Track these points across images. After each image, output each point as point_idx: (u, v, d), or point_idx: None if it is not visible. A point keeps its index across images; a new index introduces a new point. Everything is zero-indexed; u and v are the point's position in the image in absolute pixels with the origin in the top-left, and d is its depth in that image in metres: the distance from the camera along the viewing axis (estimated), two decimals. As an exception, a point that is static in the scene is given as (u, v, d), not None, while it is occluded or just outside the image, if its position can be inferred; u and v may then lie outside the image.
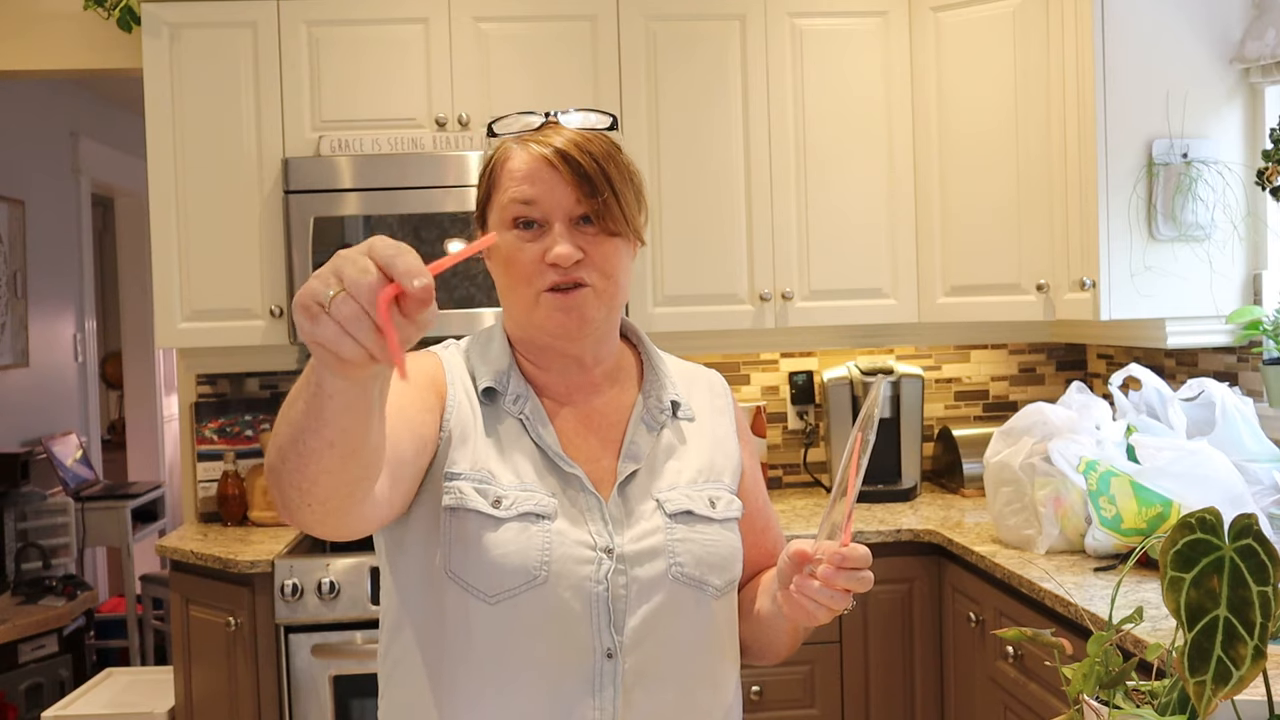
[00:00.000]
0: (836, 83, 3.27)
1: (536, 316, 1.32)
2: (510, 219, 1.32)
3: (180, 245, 3.17)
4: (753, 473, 1.48)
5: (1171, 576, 0.93)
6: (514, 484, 1.30)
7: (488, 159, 1.38)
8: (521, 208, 1.30)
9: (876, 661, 2.96)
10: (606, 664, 1.27)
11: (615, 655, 1.28)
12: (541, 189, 1.30)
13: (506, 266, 1.33)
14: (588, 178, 1.30)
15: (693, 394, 1.45)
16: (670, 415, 1.40)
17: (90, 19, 3.45)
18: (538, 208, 1.30)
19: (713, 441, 1.43)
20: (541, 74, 3.20)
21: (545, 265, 1.30)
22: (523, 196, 1.30)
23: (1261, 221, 2.85)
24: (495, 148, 1.37)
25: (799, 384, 3.62)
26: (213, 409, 3.51)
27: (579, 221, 1.31)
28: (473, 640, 1.27)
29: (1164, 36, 2.81)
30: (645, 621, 1.29)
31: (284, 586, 2.85)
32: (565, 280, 1.30)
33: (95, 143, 5.90)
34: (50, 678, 4.38)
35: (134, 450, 6.41)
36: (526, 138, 1.33)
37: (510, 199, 1.31)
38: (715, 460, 1.42)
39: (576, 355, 1.38)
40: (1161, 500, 2.33)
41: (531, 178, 1.30)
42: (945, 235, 3.25)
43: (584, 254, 1.30)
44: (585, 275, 1.30)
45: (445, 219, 3.11)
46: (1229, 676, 0.90)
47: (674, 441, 1.40)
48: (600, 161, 1.31)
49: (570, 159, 1.30)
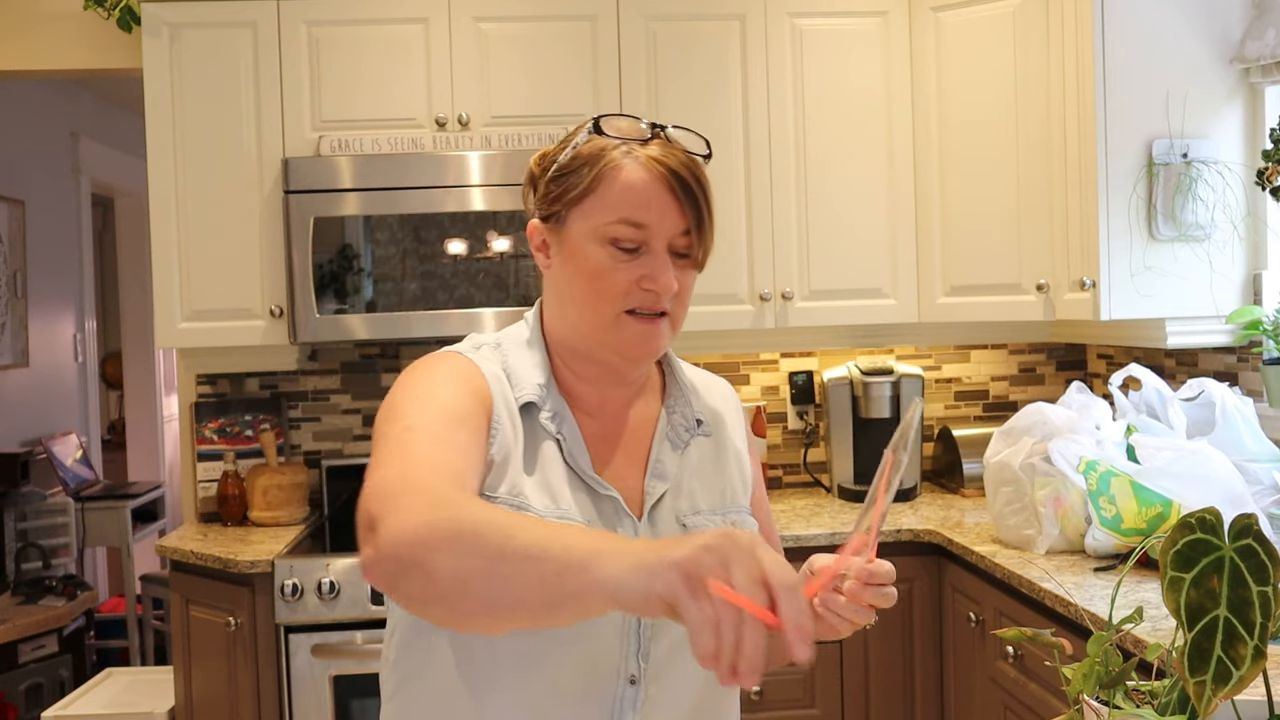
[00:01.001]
0: (836, 83, 3.27)
1: (612, 336, 1.28)
2: (612, 237, 1.25)
3: (180, 245, 3.17)
4: (760, 486, 1.46)
5: (1171, 576, 0.93)
6: (548, 508, 1.25)
7: (586, 156, 1.28)
8: (631, 231, 1.25)
9: (876, 661, 2.96)
10: (629, 690, 1.25)
11: (638, 682, 1.26)
12: (655, 214, 1.25)
13: (592, 281, 1.26)
14: (697, 210, 1.26)
15: (711, 407, 1.42)
16: (694, 432, 1.38)
17: (90, 19, 3.45)
18: (646, 232, 1.25)
19: (730, 458, 1.41)
20: (541, 74, 3.21)
21: (637, 289, 1.26)
22: (638, 220, 1.25)
23: (1261, 221, 2.85)
24: (596, 147, 1.28)
25: (799, 384, 3.62)
26: (213, 409, 3.51)
27: (673, 249, 1.27)
28: (497, 661, 1.24)
29: (1164, 36, 2.81)
30: (669, 651, 1.27)
31: (284, 586, 2.85)
32: (652, 308, 1.27)
33: (95, 143, 5.90)
34: (50, 678, 4.38)
35: (134, 450, 6.41)
36: (638, 150, 1.27)
37: (622, 218, 1.25)
38: (733, 479, 1.40)
39: (625, 373, 1.34)
40: (1161, 500, 2.33)
41: (649, 201, 1.25)
42: (945, 235, 3.25)
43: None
44: (668, 305, 1.28)
45: (445, 219, 3.11)
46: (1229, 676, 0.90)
47: (696, 459, 1.37)
48: (706, 191, 1.28)
49: (686, 185, 1.26)
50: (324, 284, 3.09)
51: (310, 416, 3.58)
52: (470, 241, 3.11)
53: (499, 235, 3.12)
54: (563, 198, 1.29)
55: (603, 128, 1.29)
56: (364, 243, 3.11)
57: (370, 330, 3.10)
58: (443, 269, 3.10)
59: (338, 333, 3.10)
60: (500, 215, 3.12)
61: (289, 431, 3.56)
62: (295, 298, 3.08)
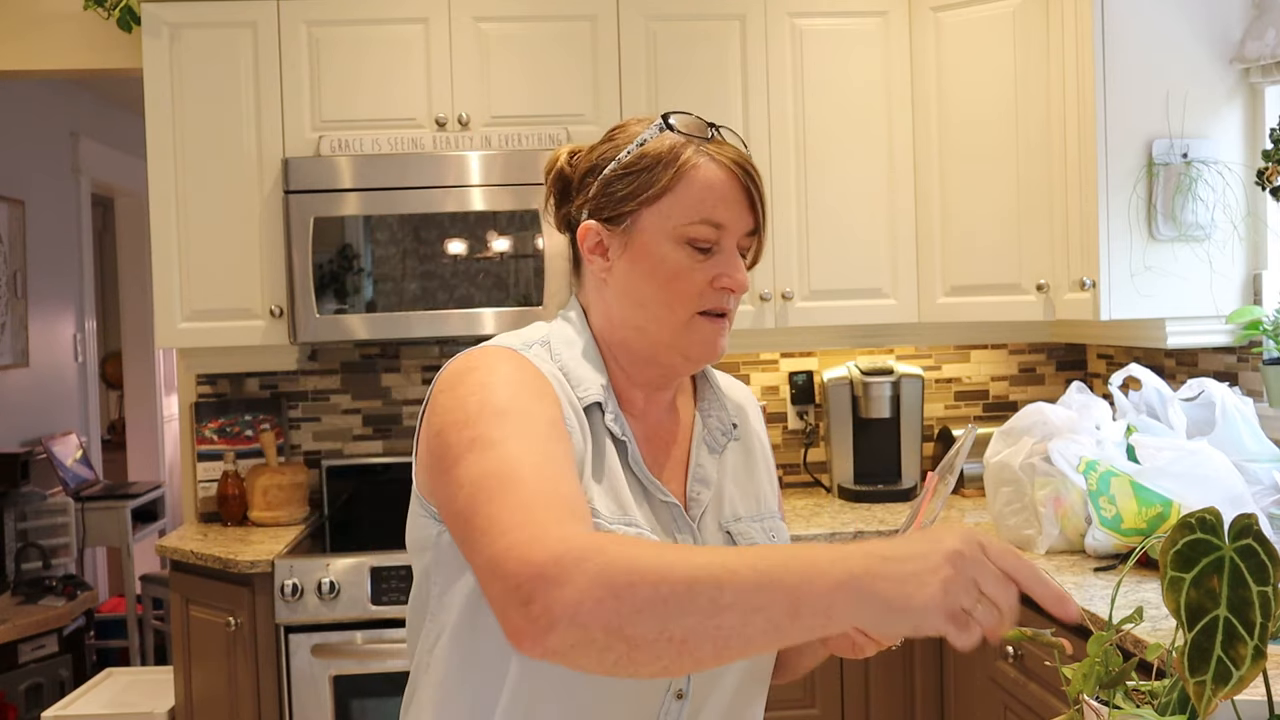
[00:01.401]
0: (836, 83, 3.27)
1: (682, 338, 1.26)
2: (691, 237, 1.23)
3: (180, 245, 3.18)
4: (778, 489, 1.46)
5: (1171, 576, 0.93)
6: (615, 515, 1.22)
7: (658, 154, 1.24)
8: (711, 231, 1.24)
9: (876, 661, 2.96)
10: (674, 704, 1.23)
11: (685, 696, 1.23)
12: (734, 213, 1.24)
13: (669, 282, 1.24)
14: (761, 206, 1.27)
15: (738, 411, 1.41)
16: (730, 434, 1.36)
17: (90, 19, 3.45)
18: (722, 232, 1.24)
19: (759, 460, 1.40)
20: (541, 74, 3.21)
21: (711, 289, 1.25)
22: (717, 219, 1.23)
23: (1261, 221, 2.85)
24: (669, 146, 1.24)
25: (799, 384, 3.62)
26: (213, 409, 3.51)
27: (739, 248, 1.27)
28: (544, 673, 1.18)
29: (1164, 36, 2.81)
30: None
31: (284, 586, 2.85)
32: (722, 308, 1.26)
33: (95, 143, 5.90)
34: (50, 678, 4.38)
35: (134, 450, 6.41)
36: (709, 148, 1.25)
37: (704, 218, 1.23)
38: (763, 483, 1.39)
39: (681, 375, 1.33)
40: (1161, 500, 2.33)
41: (727, 199, 1.24)
42: (945, 235, 3.25)
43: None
44: (732, 304, 1.28)
45: (445, 219, 3.11)
46: (1229, 676, 0.90)
47: (731, 465, 1.36)
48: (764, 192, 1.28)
49: (756, 183, 1.26)
50: (324, 284, 3.09)
51: (310, 416, 3.58)
52: (470, 241, 3.11)
53: (499, 235, 3.12)
54: (634, 197, 1.24)
55: (673, 124, 1.26)
56: (364, 243, 3.11)
57: (370, 330, 3.10)
58: (443, 269, 3.10)
59: (338, 333, 3.10)
60: (500, 215, 3.12)
61: (289, 431, 3.56)
62: (295, 298, 3.08)
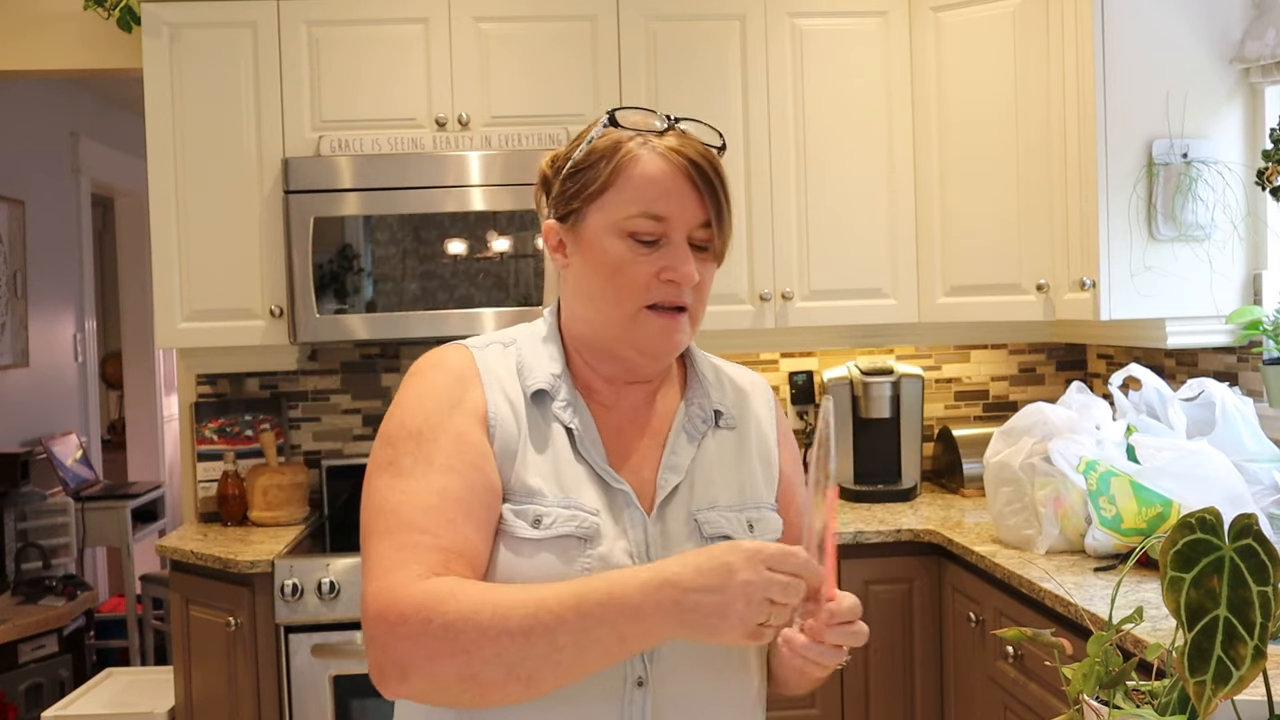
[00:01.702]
0: (836, 83, 3.27)
1: (632, 332, 1.27)
2: (631, 230, 1.25)
3: (180, 245, 3.18)
4: (792, 483, 1.41)
5: (1171, 576, 0.93)
6: (557, 498, 1.24)
7: (603, 150, 1.27)
8: (650, 224, 1.24)
9: (876, 661, 2.96)
10: (636, 692, 1.23)
11: (646, 684, 1.23)
12: (675, 205, 1.24)
13: (612, 276, 1.26)
14: (715, 201, 1.26)
15: (736, 399, 1.40)
16: (712, 425, 1.35)
17: (90, 19, 3.45)
18: (665, 225, 1.25)
19: (755, 452, 1.38)
20: (541, 74, 3.21)
21: (658, 281, 1.25)
22: (657, 211, 1.24)
23: (1261, 221, 2.85)
24: (612, 141, 1.27)
25: (799, 384, 3.62)
26: (213, 409, 3.51)
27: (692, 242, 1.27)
28: None
29: (1164, 36, 2.81)
30: (677, 649, 1.24)
31: (284, 586, 2.85)
32: (673, 301, 1.26)
33: (95, 143, 5.90)
34: (50, 678, 4.38)
35: (134, 450, 6.41)
36: (654, 141, 1.26)
37: (642, 211, 1.24)
38: (756, 474, 1.37)
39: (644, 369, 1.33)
40: (1161, 500, 2.33)
41: (668, 191, 1.24)
42: (945, 235, 3.25)
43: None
44: (689, 299, 1.27)
45: (445, 219, 3.11)
46: (1229, 676, 0.90)
47: (715, 452, 1.35)
48: (724, 184, 1.27)
49: (706, 176, 1.25)
50: (324, 284, 3.09)
51: (310, 416, 3.58)
52: (470, 241, 3.11)
53: (499, 235, 3.12)
54: (580, 194, 1.28)
55: (618, 120, 1.28)
56: (364, 243, 3.11)
57: (370, 330, 3.10)
58: (443, 269, 3.10)
59: (338, 333, 3.10)
60: (500, 215, 3.12)
61: (289, 431, 3.56)
62: (295, 298, 3.08)
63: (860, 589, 2.93)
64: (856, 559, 2.94)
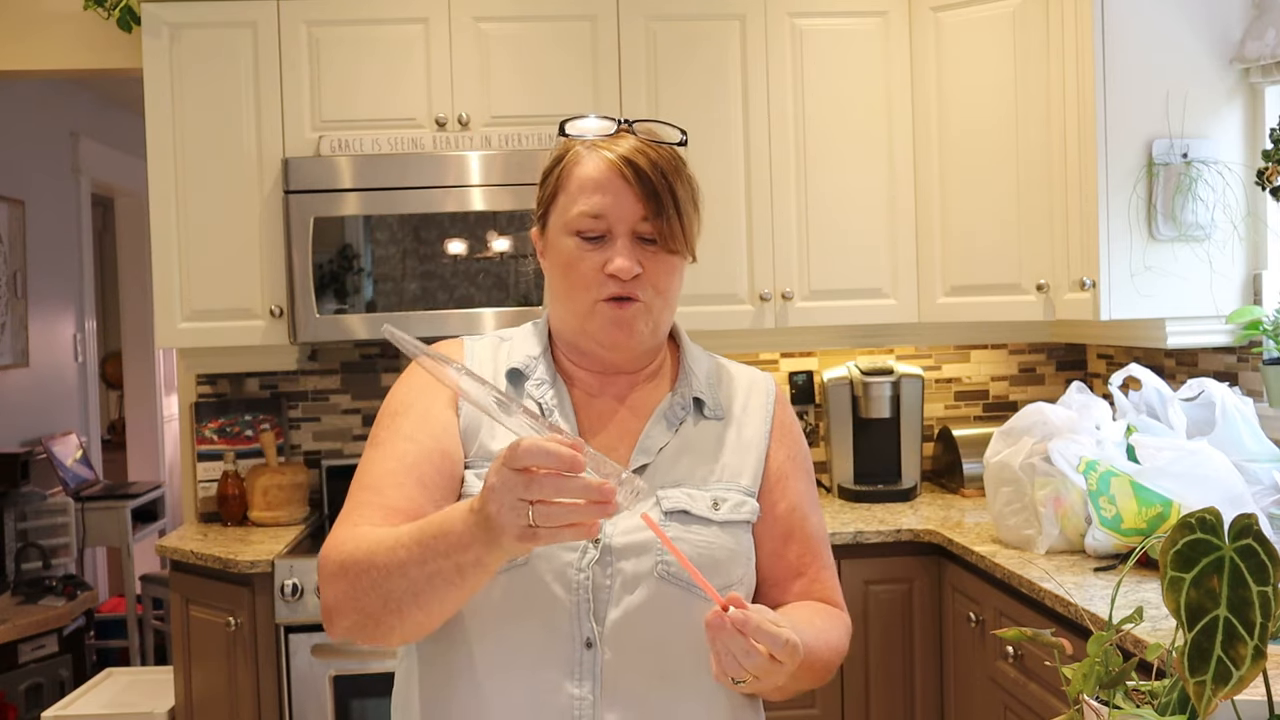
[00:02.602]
0: (836, 83, 3.27)
1: (589, 325, 1.34)
2: (576, 229, 1.32)
3: (180, 245, 3.18)
4: (785, 477, 1.42)
5: (1171, 576, 0.93)
6: None
7: (555, 158, 1.37)
8: (590, 222, 1.32)
9: (876, 661, 2.96)
10: (586, 654, 1.27)
11: (595, 645, 1.28)
12: (609, 201, 1.31)
13: (565, 272, 1.34)
14: (655, 195, 1.31)
15: (730, 393, 1.44)
16: (692, 412, 1.40)
17: (90, 19, 3.45)
18: (604, 221, 1.31)
19: (739, 442, 1.41)
20: (542, 74, 3.21)
21: (604, 275, 1.31)
22: (592, 210, 1.31)
23: (1261, 221, 2.85)
24: (563, 148, 1.37)
25: (799, 384, 3.62)
26: (213, 409, 3.51)
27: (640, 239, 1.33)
28: (461, 616, 1.30)
29: (1164, 36, 2.81)
30: (626, 615, 1.28)
31: (284, 586, 2.85)
32: (621, 293, 1.32)
33: (95, 143, 5.90)
34: (50, 678, 4.38)
35: (134, 450, 6.42)
36: (599, 143, 1.33)
37: (579, 211, 1.32)
38: (737, 461, 1.39)
39: (611, 360, 1.39)
40: (1161, 500, 2.33)
41: (602, 188, 1.31)
42: (945, 235, 3.25)
43: (642, 269, 1.32)
44: (640, 291, 1.32)
45: (445, 219, 3.11)
46: (1229, 676, 0.90)
47: (694, 439, 1.39)
48: (668, 178, 1.33)
49: (641, 172, 1.31)
50: (324, 284, 3.09)
51: (310, 416, 3.58)
52: (470, 241, 3.11)
53: (499, 235, 3.12)
54: (542, 200, 1.39)
55: (565, 129, 1.36)
56: (364, 243, 3.11)
57: (370, 330, 3.10)
58: (443, 269, 3.10)
59: (338, 333, 3.10)
60: (500, 215, 3.12)
61: (289, 431, 3.56)
62: (295, 298, 3.08)
63: (860, 589, 2.94)
64: (856, 559, 2.94)
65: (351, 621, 1.23)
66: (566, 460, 1.03)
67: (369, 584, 1.19)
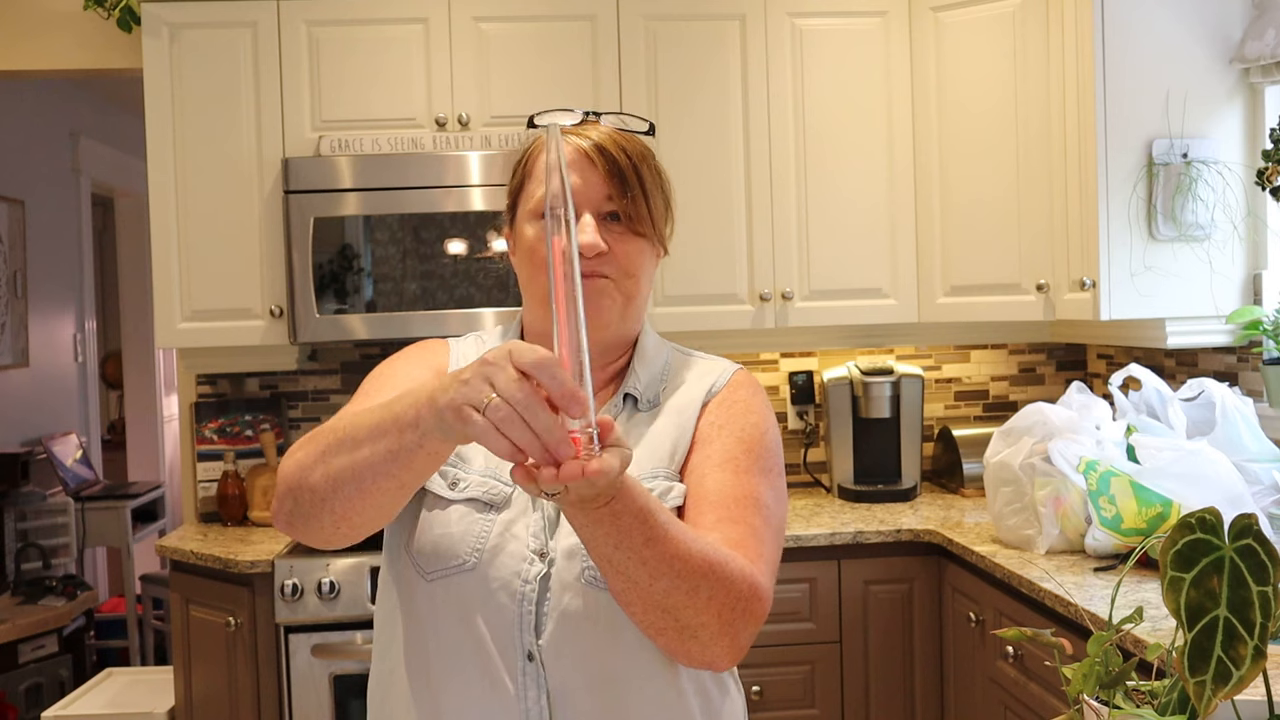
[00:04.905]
0: (836, 82, 3.27)
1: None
2: (540, 213, 1.31)
3: (180, 245, 3.18)
4: (705, 442, 1.34)
5: (1171, 576, 0.93)
6: (479, 468, 1.32)
7: (524, 151, 1.39)
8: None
9: (876, 661, 2.96)
10: (529, 666, 1.26)
11: (536, 659, 1.26)
12: (575, 182, 1.30)
13: (530, 255, 1.33)
14: (620, 174, 1.32)
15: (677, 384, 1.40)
16: (621, 408, 1.37)
17: (90, 19, 3.45)
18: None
19: (671, 426, 1.36)
20: (541, 74, 3.21)
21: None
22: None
23: (1261, 221, 2.85)
24: (532, 140, 1.38)
25: (799, 384, 3.62)
26: (213, 409, 3.51)
27: (607, 218, 1.32)
28: (413, 615, 1.31)
29: (1164, 36, 2.81)
30: (560, 626, 1.26)
31: (284, 586, 2.85)
32: (586, 270, 1.29)
33: (95, 143, 5.90)
34: (50, 678, 4.38)
35: (134, 450, 6.42)
36: (567, 131, 1.33)
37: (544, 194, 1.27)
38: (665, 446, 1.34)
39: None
40: (1161, 500, 2.33)
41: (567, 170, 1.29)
42: (945, 235, 3.25)
43: (608, 248, 1.31)
44: (606, 269, 1.31)
45: (445, 219, 3.11)
46: (1229, 676, 0.90)
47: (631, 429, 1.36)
48: (634, 160, 1.33)
49: (606, 153, 1.31)
50: (324, 284, 3.09)
51: (310, 416, 3.58)
52: (470, 241, 3.11)
53: (499, 235, 3.12)
54: (510, 194, 1.40)
55: (534, 121, 1.35)
56: (364, 243, 3.11)
57: (370, 330, 3.10)
58: (443, 269, 3.10)
59: (338, 333, 3.10)
60: (500, 215, 3.11)
61: (289, 431, 3.56)
62: (295, 298, 3.08)
63: (860, 589, 2.94)
64: (856, 559, 2.94)
65: (295, 498, 1.20)
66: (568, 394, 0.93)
67: (321, 455, 1.17)
